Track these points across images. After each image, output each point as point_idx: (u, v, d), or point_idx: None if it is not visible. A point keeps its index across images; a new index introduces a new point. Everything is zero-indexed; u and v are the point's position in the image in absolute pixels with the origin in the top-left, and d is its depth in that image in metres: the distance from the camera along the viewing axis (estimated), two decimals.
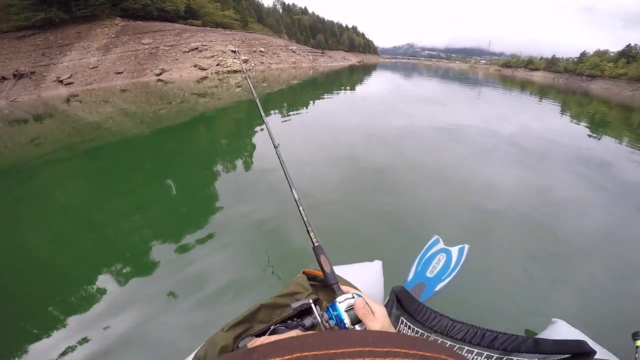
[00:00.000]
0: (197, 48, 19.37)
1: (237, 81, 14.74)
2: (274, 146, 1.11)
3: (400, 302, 1.01)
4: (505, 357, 0.90)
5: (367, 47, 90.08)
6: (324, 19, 71.34)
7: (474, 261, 2.41)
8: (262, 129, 6.13)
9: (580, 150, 6.03)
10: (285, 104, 9.71)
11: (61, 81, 14.80)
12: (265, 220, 2.90)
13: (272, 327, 0.62)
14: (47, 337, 1.86)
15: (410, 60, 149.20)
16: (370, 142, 5.48)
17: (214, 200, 3.43)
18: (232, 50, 20.19)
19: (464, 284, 2.16)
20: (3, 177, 4.61)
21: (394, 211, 3.13)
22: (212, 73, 16.67)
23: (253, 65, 20.97)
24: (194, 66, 17.75)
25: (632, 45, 54.62)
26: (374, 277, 1.11)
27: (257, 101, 1.43)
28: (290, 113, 8.14)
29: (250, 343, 0.54)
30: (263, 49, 25.37)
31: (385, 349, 0.20)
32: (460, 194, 3.60)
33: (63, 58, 16.81)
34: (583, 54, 65.13)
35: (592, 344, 0.97)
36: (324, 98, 11.27)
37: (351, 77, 23.45)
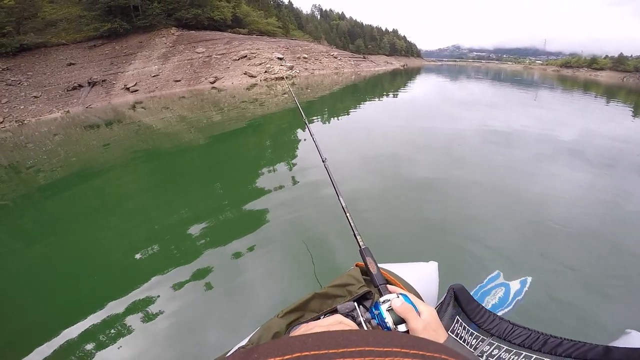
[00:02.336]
0: (246, 56, 20.19)
1: (283, 88, 15.06)
2: (322, 160, 1.17)
3: (458, 299, 0.97)
4: None
5: (409, 50, 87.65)
6: (362, 23, 71.03)
7: (534, 267, 2.33)
8: (305, 138, 6.18)
9: None
10: (327, 110, 9.66)
11: (128, 88, 16.24)
12: (312, 224, 2.97)
13: (321, 317, 0.64)
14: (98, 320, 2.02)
15: (457, 63, 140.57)
16: (414, 150, 5.27)
17: (261, 202, 3.49)
18: (278, 57, 20.76)
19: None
20: (76, 177, 5.11)
21: (437, 222, 2.99)
22: (260, 80, 17.26)
23: (297, 71, 21.37)
24: (244, 74, 18.52)
25: None
26: (428, 278, 1.11)
27: (306, 122, 1.53)
28: (333, 119, 8.10)
29: (295, 331, 0.61)
30: (306, 55, 25.79)
31: (386, 349, 0.20)
32: (514, 205, 3.34)
33: (128, 67, 18.45)
34: None
35: None
36: (367, 103, 11.06)
37: (394, 81, 22.96)
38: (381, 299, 0.57)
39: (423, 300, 0.62)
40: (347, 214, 0.85)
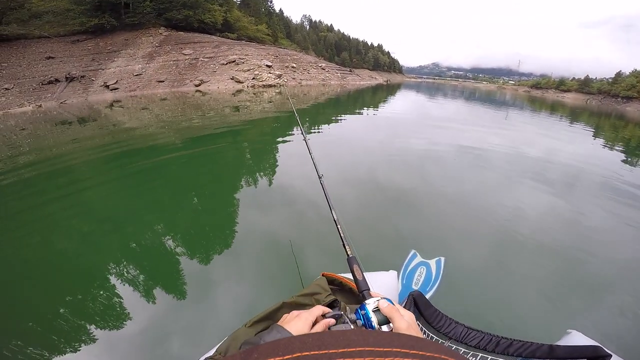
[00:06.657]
0: (235, 61, 20.23)
1: (270, 96, 15.17)
2: (318, 177, 1.20)
3: (418, 306, 1.02)
4: None
5: (392, 66, 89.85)
6: (349, 36, 72.24)
7: (489, 276, 2.52)
8: (287, 145, 6.03)
9: (610, 179, 5.50)
10: (308, 120, 9.70)
11: (107, 86, 15.82)
12: (288, 231, 3.06)
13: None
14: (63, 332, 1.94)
15: (436, 80, 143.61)
16: (391, 164, 5.50)
17: (239, 210, 3.53)
18: (266, 65, 20.93)
19: (479, 296, 2.24)
20: (37, 170, 4.91)
21: (407, 231, 3.18)
22: (247, 87, 17.28)
23: (285, 80, 21.60)
24: (231, 79, 18.50)
25: None
26: (389, 286, 1.16)
27: (305, 137, 1.57)
28: (313, 130, 8.13)
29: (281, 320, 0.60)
30: (295, 65, 26.16)
31: (386, 349, 0.20)
32: (481, 219, 3.58)
33: (111, 64, 18.00)
34: (618, 74, 60.28)
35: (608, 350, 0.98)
36: (350, 116, 11.26)
37: (376, 96, 23.65)
38: (367, 301, 0.60)
39: None
40: (338, 226, 0.89)
